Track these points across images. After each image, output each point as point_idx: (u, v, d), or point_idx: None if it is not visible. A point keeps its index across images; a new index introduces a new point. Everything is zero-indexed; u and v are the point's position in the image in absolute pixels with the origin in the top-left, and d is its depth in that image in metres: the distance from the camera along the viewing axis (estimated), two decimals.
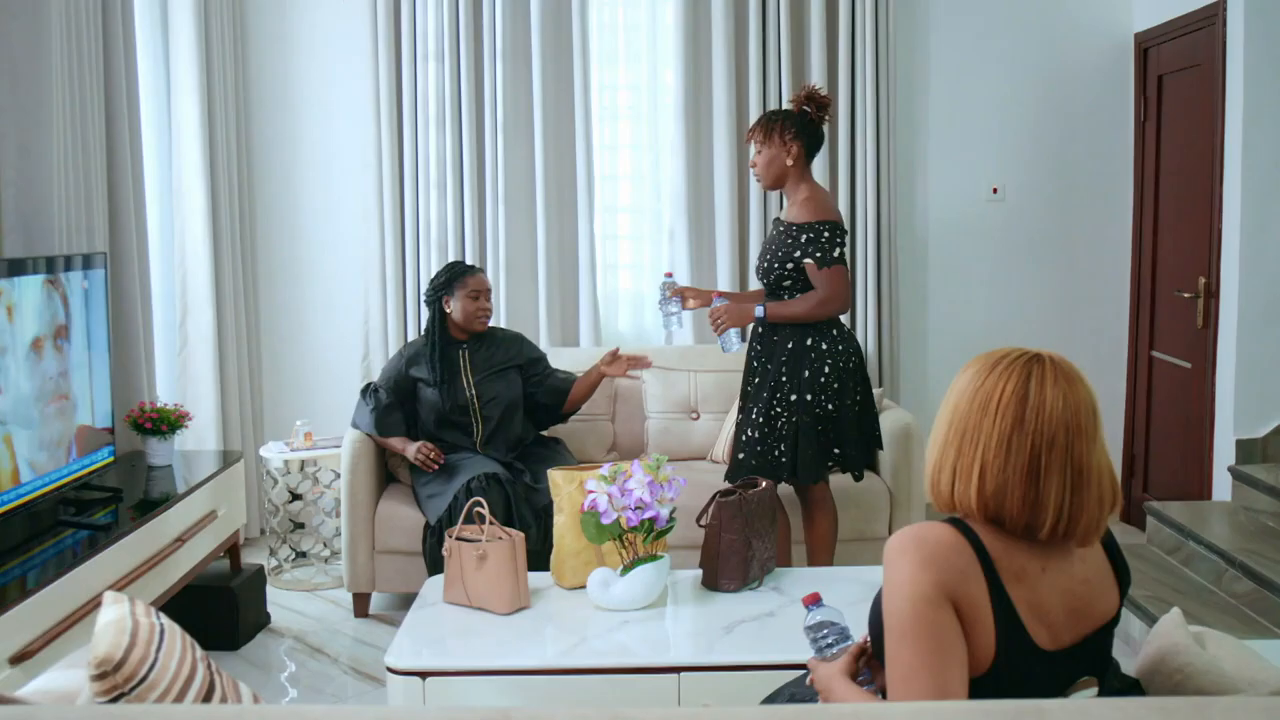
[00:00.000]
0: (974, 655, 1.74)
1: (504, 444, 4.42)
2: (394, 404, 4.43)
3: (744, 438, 3.98)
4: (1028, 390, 1.78)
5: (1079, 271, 5.63)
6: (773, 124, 3.97)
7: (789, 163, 3.94)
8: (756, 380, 4.01)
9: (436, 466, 4.29)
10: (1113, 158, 5.57)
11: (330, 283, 5.50)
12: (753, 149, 4.03)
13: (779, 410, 3.91)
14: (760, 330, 4.02)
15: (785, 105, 4.04)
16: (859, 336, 5.29)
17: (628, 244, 5.58)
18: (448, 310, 4.45)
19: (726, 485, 3.71)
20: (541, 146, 5.22)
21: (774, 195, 5.20)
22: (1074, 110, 5.54)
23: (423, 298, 4.72)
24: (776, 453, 3.91)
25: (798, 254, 3.88)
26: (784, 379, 3.90)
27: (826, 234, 3.87)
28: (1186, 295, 4.97)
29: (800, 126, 3.94)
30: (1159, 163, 5.33)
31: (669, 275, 4.25)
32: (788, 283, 3.95)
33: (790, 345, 3.92)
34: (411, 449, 4.34)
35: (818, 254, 3.86)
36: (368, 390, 4.48)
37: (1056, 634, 1.79)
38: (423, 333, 4.61)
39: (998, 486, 1.77)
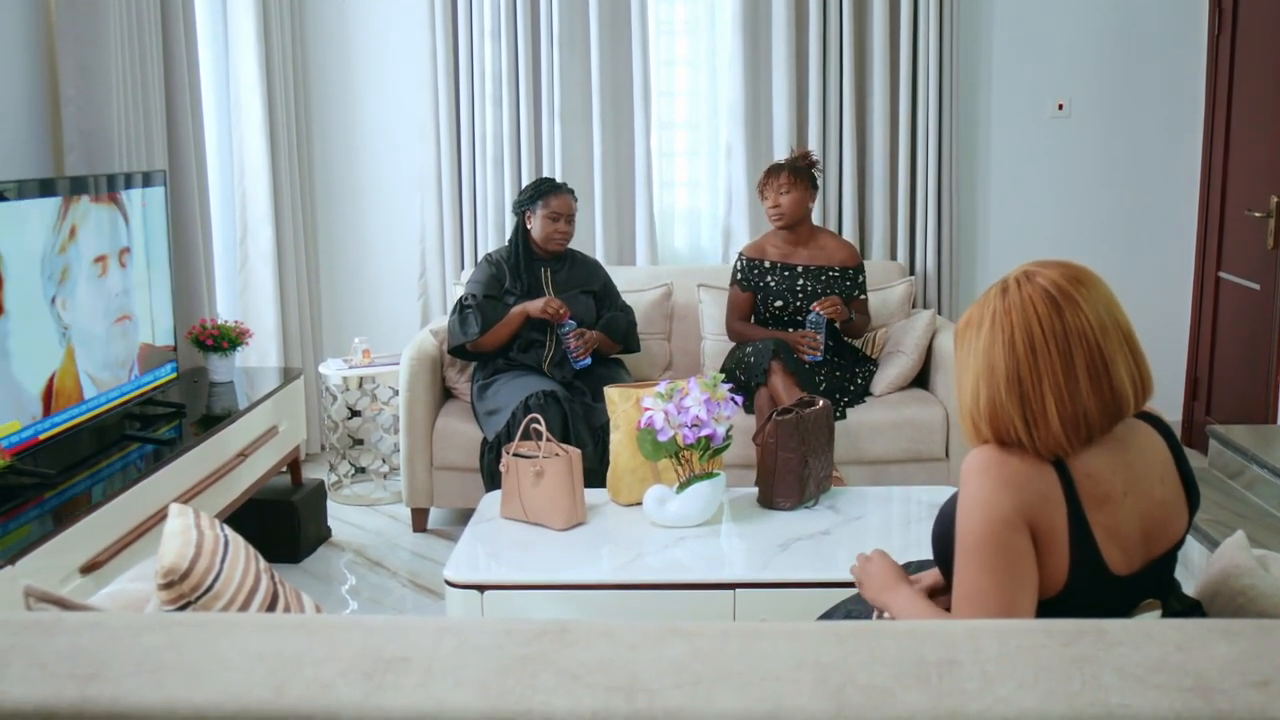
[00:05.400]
0: (1046, 579, 1.72)
1: (569, 368, 4.37)
2: (494, 294, 4.36)
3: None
4: (1053, 301, 1.71)
5: (1146, 190, 5.50)
6: (799, 173, 4.53)
7: (810, 207, 4.60)
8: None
9: (564, 315, 4.27)
10: (1184, 73, 5.40)
11: (387, 200, 5.51)
12: (774, 193, 4.53)
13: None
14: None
15: (785, 157, 4.75)
16: (919, 256, 5.31)
17: (684, 161, 5.52)
18: (529, 226, 4.43)
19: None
20: (598, 61, 5.16)
21: (835, 116, 5.20)
22: (1144, 23, 5.37)
23: (509, 208, 4.89)
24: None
25: (858, 294, 4.66)
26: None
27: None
28: (1257, 215, 4.85)
29: (813, 181, 4.60)
30: (1232, 77, 5.16)
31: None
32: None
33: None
34: (536, 304, 4.29)
35: (862, 294, 4.71)
36: (459, 305, 4.38)
37: (1130, 557, 1.76)
38: (507, 242, 4.59)
39: (1075, 407, 1.70)
